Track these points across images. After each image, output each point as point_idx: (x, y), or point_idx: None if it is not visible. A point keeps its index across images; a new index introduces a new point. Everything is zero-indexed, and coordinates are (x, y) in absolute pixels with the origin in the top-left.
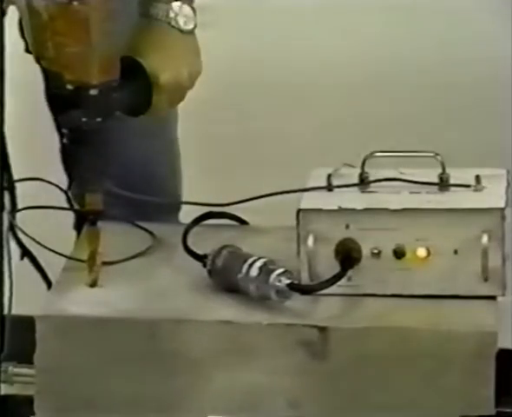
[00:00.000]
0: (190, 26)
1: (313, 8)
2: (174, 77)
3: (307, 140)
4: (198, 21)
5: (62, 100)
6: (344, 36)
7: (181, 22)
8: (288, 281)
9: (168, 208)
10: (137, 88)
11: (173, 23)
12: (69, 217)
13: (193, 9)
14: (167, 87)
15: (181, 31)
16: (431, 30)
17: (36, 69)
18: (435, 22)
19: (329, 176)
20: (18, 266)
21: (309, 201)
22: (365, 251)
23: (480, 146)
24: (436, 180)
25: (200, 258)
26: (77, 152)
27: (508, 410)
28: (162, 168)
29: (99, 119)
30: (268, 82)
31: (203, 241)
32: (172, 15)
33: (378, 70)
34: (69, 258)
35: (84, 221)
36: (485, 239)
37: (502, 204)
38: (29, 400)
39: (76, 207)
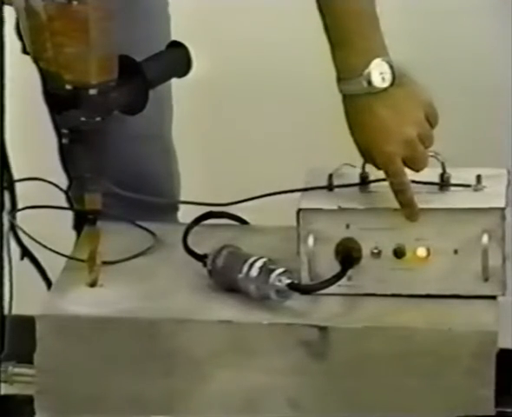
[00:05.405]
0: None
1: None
2: None
3: (307, 139)
4: None
5: (61, 100)
6: None
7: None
8: (288, 281)
9: (167, 208)
10: (134, 87)
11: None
12: (69, 217)
13: None
14: None
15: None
16: (430, 30)
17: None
18: (434, 21)
19: (329, 176)
20: (18, 266)
21: (309, 200)
22: (365, 251)
23: (480, 146)
24: (436, 179)
25: (201, 258)
26: (76, 152)
27: (508, 410)
28: (158, 168)
29: (98, 119)
30: (269, 81)
31: (203, 241)
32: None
33: None
34: (69, 258)
35: (84, 221)
36: (485, 239)
37: (502, 204)
38: (29, 400)
39: (76, 207)
